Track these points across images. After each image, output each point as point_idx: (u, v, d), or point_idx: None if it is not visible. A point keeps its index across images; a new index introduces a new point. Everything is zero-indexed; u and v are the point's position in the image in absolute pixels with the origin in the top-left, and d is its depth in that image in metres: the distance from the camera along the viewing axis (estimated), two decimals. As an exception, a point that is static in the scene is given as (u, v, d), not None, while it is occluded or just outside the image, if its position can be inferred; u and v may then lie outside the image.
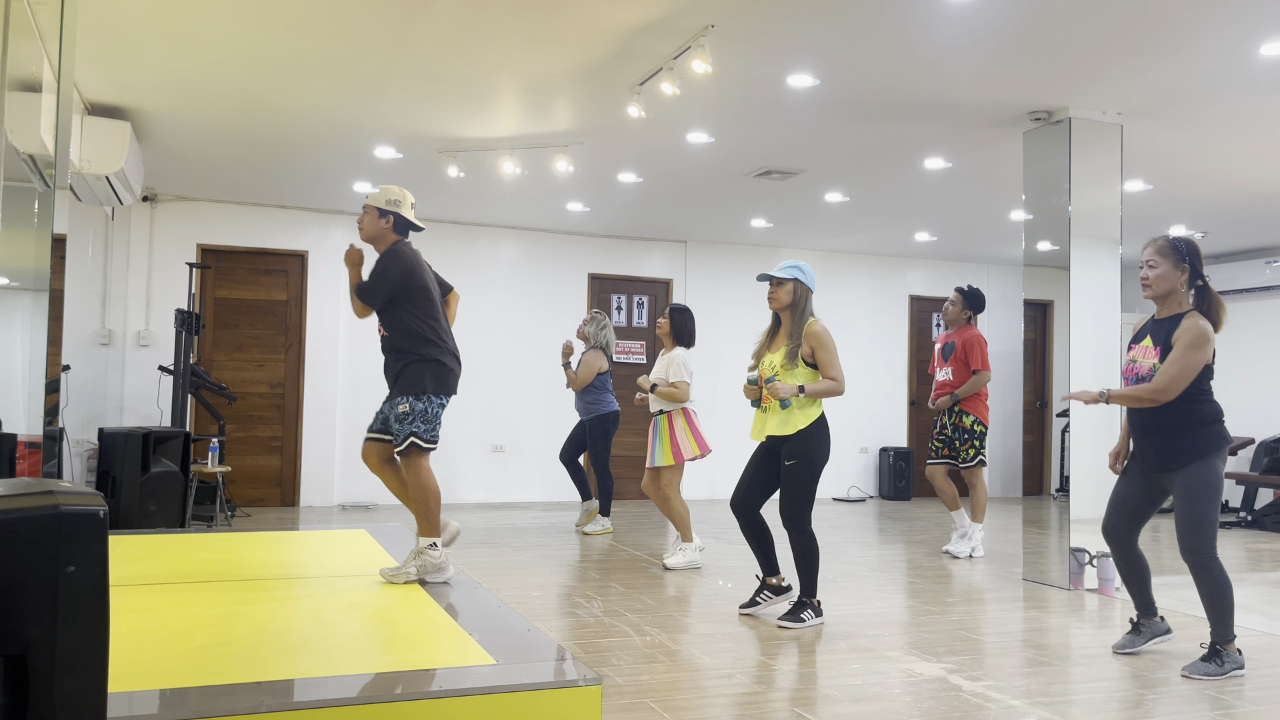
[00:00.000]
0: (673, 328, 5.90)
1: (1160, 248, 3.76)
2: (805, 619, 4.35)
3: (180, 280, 8.08)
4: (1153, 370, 3.71)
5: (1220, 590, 3.64)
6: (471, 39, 4.55)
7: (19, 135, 2.56)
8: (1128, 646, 3.98)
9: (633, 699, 3.21)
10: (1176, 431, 3.68)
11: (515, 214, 8.58)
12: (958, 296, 6.69)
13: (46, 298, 2.95)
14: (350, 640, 2.87)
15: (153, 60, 4.92)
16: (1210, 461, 3.64)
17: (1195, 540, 3.61)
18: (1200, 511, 3.61)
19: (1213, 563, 3.62)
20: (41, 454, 2.93)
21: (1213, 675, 3.62)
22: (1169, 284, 3.74)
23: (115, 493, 6.01)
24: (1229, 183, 6.99)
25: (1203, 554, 3.61)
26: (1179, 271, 3.74)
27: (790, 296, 4.43)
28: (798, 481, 4.35)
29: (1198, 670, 3.65)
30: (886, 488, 10.17)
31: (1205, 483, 3.63)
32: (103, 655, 1.36)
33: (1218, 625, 3.67)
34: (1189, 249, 3.75)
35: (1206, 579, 3.64)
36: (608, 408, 7.04)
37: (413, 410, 3.88)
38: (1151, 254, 3.77)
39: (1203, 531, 3.61)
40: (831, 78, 4.95)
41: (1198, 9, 4.06)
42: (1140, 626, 4.00)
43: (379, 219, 4.02)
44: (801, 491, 4.35)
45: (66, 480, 2.74)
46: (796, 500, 4.35)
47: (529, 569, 5.61)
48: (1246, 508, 8.52)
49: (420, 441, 3.88)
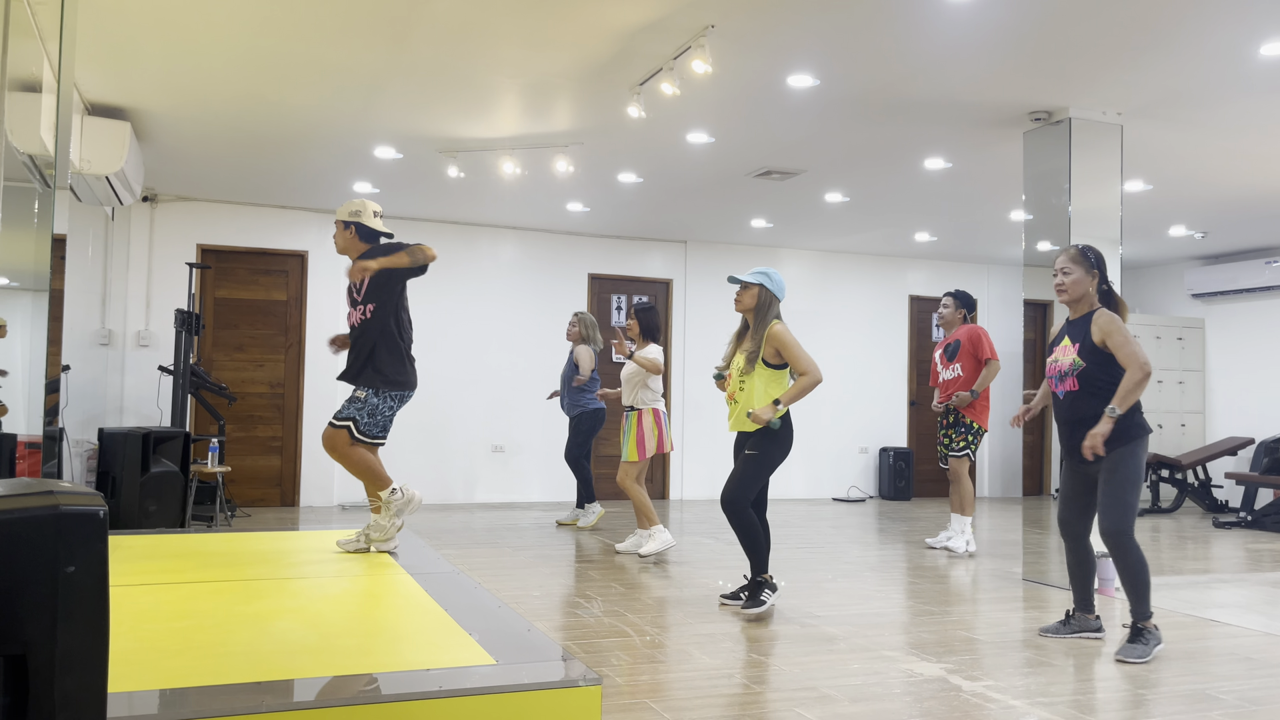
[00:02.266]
0: (641, 326, 6.20)
1: (1073, 256, 4.10)
2: (765, 599, 4.50)
3: (180, 280, 8.08)
4: (1073, 365, 4.04)
5: (1138, 570, 3.91)
6: (471, 39, 4.55)
7: (19, 135, 2.56)
8: (1053, 633, 4.27)
9: (633, 699, 3.21)
10: (1092, 422, 3.97)
11: (515, 214, 8.58)
12: (950, 300, 6.82)
13: (46, 298, 2.95)
14: (350, 640, 2.87)
15: (153, 60, 4.92)
16: (1131, 448, 3.92)
17: (1115, 522, 3.88)
18: (1120, 495, 3.90)
19: (1131, 543, 3.89)
20: (41, 454, 2.93)
21: (1142, 657, 3.86)
22: (1081, 288, 4.08)
23: (115, 493, 6.01)
24: (1229, 183, 6.99)
25: (1123, 535, 3.88)
26: (1090, 277, 4.08)
27: (754, 300, 4.60)
28: (749, 469, 4.49)
29: (1129, 653, 3.87)
30: (886, 488, 10.17)
31: (1126, 468, 3.91)
32: (103, 655, 1.36)
33: (1136, 603, 3.94)
34: (1097, 257, 4.10)
35: (1125, 559, 3.90)
36: (592, 405, 7.16)
37: (365, 401, 4.11)
38: (1065, 262, 4.12)
39: (1122, 514, 3.89)
40: (831, 78, 4.95)
41: (1198, 9, 4.06)
42: (1072, 619, 4.27)
43: (345, 231, 4.31)
44: (749, 478, 4.49)
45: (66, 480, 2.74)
46: (740, 484, 4.49)
47: (529, 569, 5.61)
48: (1246, 508, 8.52)
49: (354, 429, 4.10)
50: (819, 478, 10.18)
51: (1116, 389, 3.94)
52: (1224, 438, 9.73)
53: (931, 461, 10.69)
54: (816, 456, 10.17)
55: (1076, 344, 4.05)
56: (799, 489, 10.09)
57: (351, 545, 4.23)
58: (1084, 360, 4.01)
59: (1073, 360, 4.04)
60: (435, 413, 8.84)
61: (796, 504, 9.51)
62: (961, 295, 6.81)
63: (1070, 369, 4.06)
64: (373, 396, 4.11)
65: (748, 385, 4.54)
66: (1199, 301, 10.31)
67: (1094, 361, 3.98)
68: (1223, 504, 9.43)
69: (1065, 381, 4.07)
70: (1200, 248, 9.66)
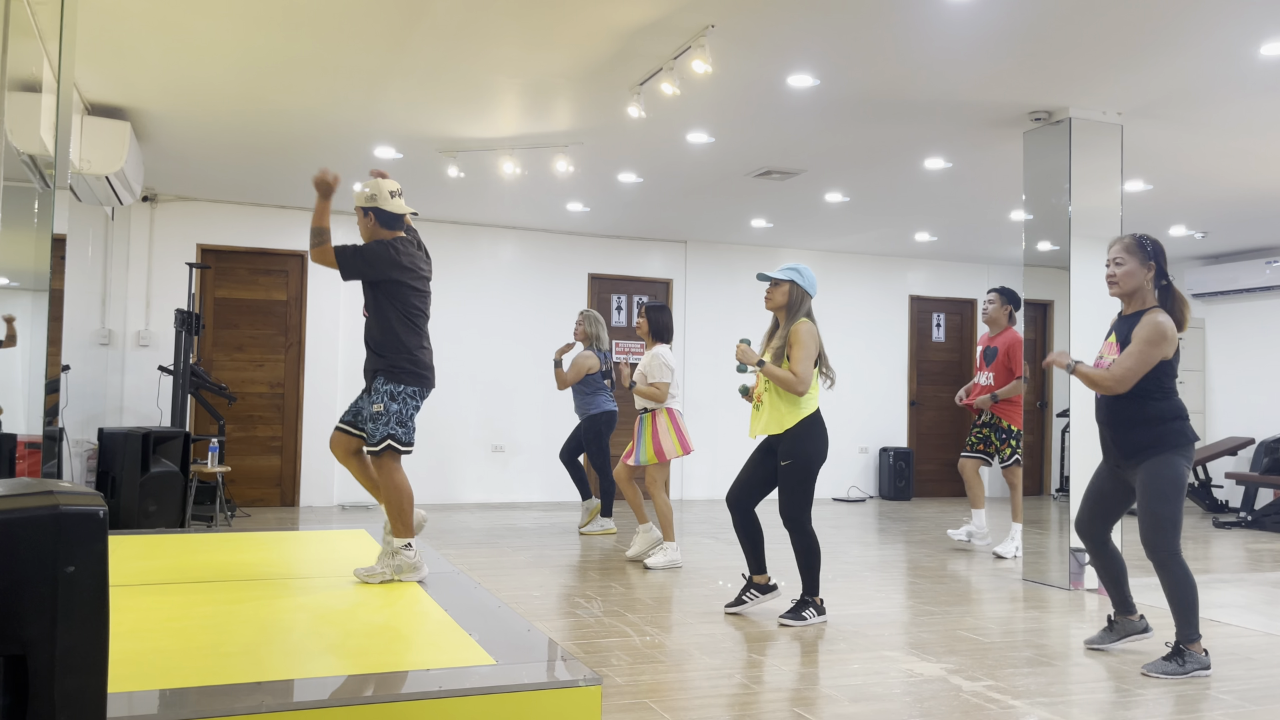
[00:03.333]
0: (650, 326, 6.04)
1: (1127, 245, 3.77)
2: (807, 617, 4.36)
3: (180, 280, 8.08)
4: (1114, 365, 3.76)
5: (1181, 588, 3.63)
6: (471, 39, 4.55)
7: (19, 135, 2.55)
8: (1100, 643, 4.01)
9: (633, 699, 3.21)
10: (1133, 426, 3.70)
11: (515, 214, 8.58)
12: (996, 296, 6.65)
13: (46, 298, 2.95)
14: (350, 640, 2.87)
15: (153, 60, 4.92)
16: (1168, 457, 3.64)
17: (1154, 538, 3.62)
18: (1157, 509, 3.62)
19: (1173, 560, 3.62)
20: (41, 454, 2.93)
21: (1172, 674, 3.61)
22: (1135, 281, 3.75)
23: (115, 493, 6.01)
24: (1229, 183, 6.99)
25: (1162, 551, 3.61)
26: (1145, 269, 3.75)
27: (785, 298, 4.46)
28: (793, 480, 4.34)
29: (1157, 669, 3.64)
30: (886, 488, 10.17)
31: (1163, 480, 3.63)
32: (103, 655, 1.36)
33: (1181, 624, 3.66)
34: (1154, 248, 3.75)
35: (1168, 577, 3.64)
36: (599, 408, 7.05)
37: (387, 411, 3.79)
38: (1118, 251, 3.78)
39: (1162, 529, 3.61)
40: (831, 78, 4.95)
41: (1198, 9, 4.06)
42: (1115, 624, 4.03)
43: (364, 219, 3.92)
44: (797, 490, 4.34)
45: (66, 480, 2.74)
46: (793, 499, 4.35)
47: (529, 569, 5.61)
48: (1246, 508, 8.52)
49: (396, 445, 3.80)
50: (819, 478, 10.18)
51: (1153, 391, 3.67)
52: (1224, 438, 9.73)
53: (932, 461, 10.70)
54: (816, 456, 10.15)
55: (1120, 343, 3.75)
56: (799, 489, 10.08)
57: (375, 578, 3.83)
58: None
59: (1114, 360, 3.74)
60: (435, 413, 8.83)
61: (796, 504, 9.50)
62: (1007, 292, 6.63)
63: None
64: (392, 403, 3.79)
65: (771, 385, 4.42)
66: (1199, 301, 10.31)
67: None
68: (1223, 504, 9.43)
69: None
70: (1200, 248, 9.66)
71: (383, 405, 3.79)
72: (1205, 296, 10.15)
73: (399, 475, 3.82)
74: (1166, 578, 3.64)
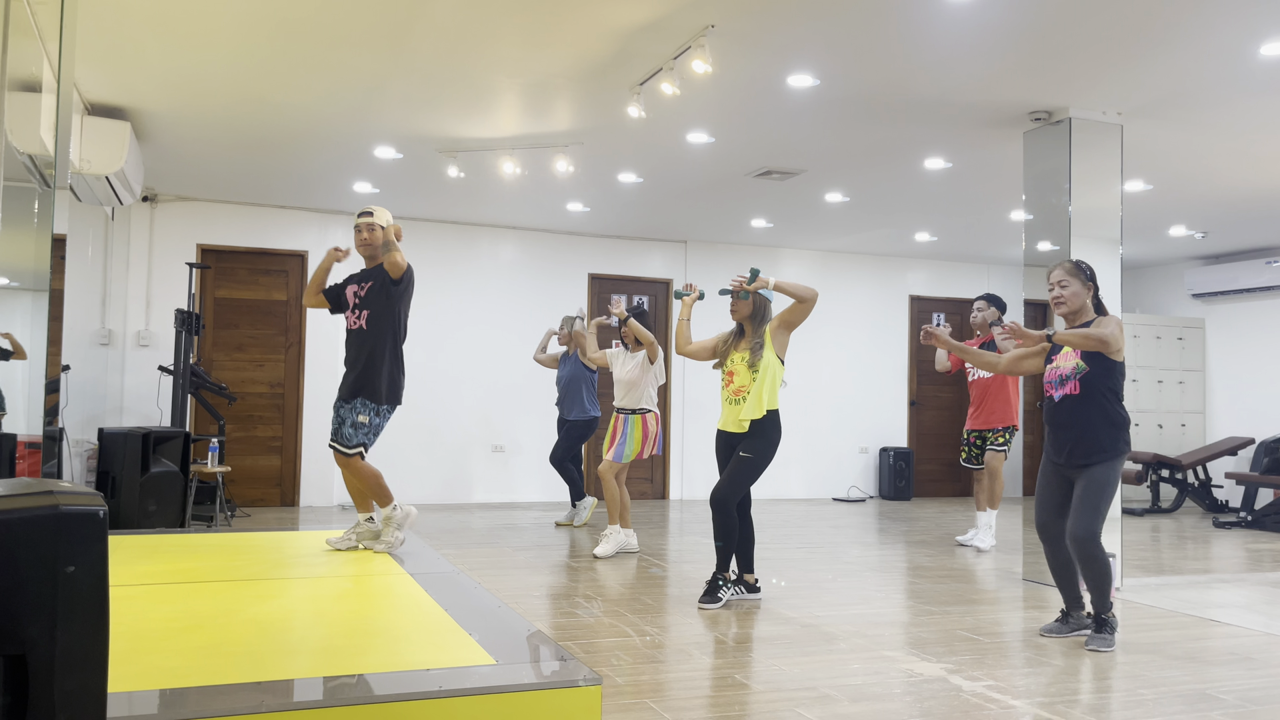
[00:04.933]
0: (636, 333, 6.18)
1: (1069, 270, 4.19)
2: (721, 597, 4.65)
3: (180, 280, 8.08)
4: (1075, 369, 4.11)
5: (1104, 571, 4.08)
6: (471, 39, 4.55)
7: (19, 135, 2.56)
8: (1054, 632, 4.31)
9: (633, 699, 3.21)
10: (1096, 428, 4.07)
11: (515, 214, 8.58)
12: (984, 303, 6.89)
13: (46, 298, 2.95)
14: (350, 640, 2.87)
15: (153, 60, 4.92)
16: (1113, 463, 4.07)
17: (1087, 527, 4.02)
18: (1095, 504, 4.03)
19: (1097, 548, 4.04)
20: (41, 454, 2.93)
21: (1109, 644, 4.05)
22: (1080, 300, 4.17)
23: (115, 493, 6.01)
24: (1229, 183, 6.99)
25: (1091, 541, 4.02)
26: (1086, 289, 4.17)
27: (750, 308, 4.76)
28: (745, 471, 4.63)
29: (1099, 643, 4.05)
30: (886, 488, 10.17)
31: (1105, 481, 4.05)
32: (103, 655, 1.36)
33: (1100, 598, 4.11)
34: (1090, 270, 4.19)
35: (1093, 563, 4.05)
36: (589, 413, 7.17)
37: (370, 424, 4.38)
38: (1062, 275, 4.20)
39: (1094, 519, 4.02)
40: (831, 78, 4.95)
41: (1198, 9, 4.06)
42: (1068, 618, 4.33)
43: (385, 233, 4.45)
44: (744, 481, 4.63)
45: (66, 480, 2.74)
46: (735, 487, 4.63)
47: (529, 569, 5.61)
48: (1246, 508, 8.52)
49: (365, 450, 4.43)
50: (819, 478, 10.18)
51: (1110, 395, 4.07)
52: (1224, 438, 9.73)
53: (932, 462, 10.69)
54: (816, 456, 10.17)
55: (1078, 351, 4.10)
56: (799, 489, 10.09)
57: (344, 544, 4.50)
58: (1087, 364, 4.06)
59: (1075, 365, 4.10)
60: (435, 413, 8.84)
61: (796, 504, 9.51)
62: (994, 298, 6.88)
63: (1073, 373, 4.11)
64: (374, 417, 4.36)
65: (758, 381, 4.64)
66: (1199, 301, 10.30)
67: (1097, 365, 4.05)
68: (1223, 504, 9.43)
69: (1066, 385, 4.13)
70: (1200, 248, 9.66)
71: (367, 418, 4.39)
72: (1205, 296, 10.15)
73: (365, 467, 4.43)
74: (1093, 564, 4.05)
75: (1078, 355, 4.10)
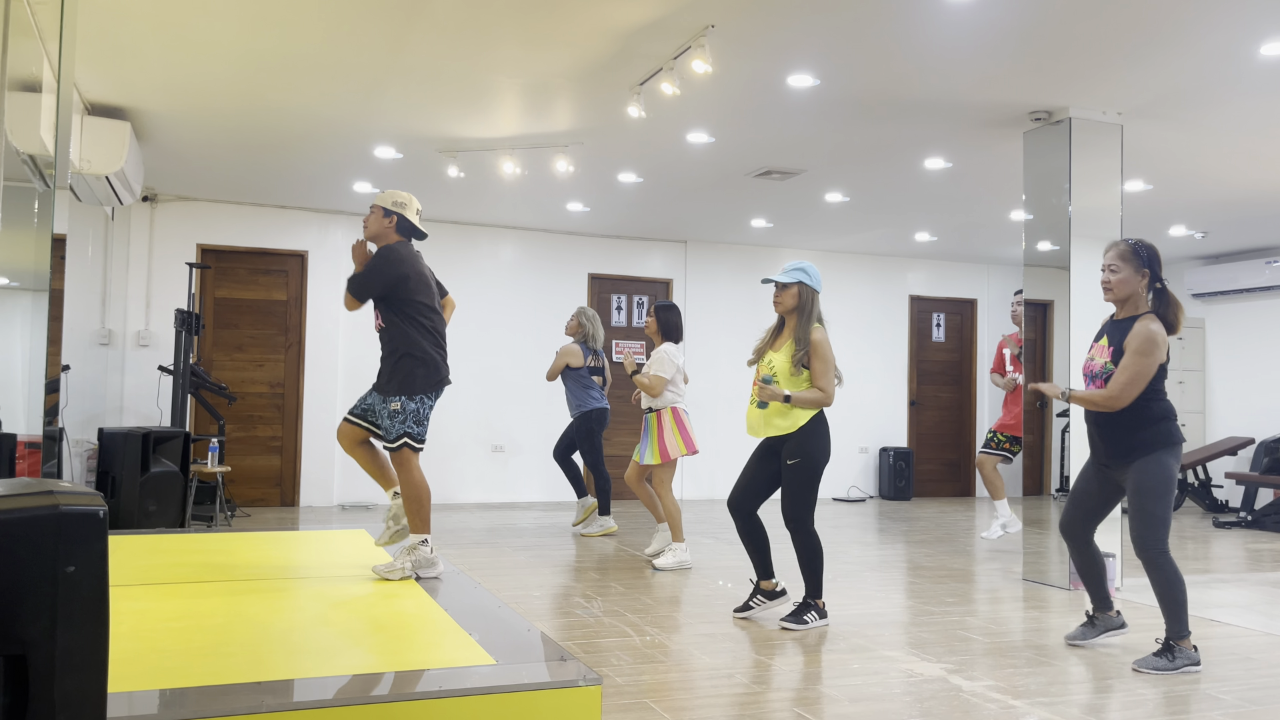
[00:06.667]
0: (660, 326, 6.03)
1: (1122, 253, 3.84)
2: (809, 620, 4.31)
3: (180, 280, 8.08)
4: (1104, 368, 3.83)
5: (1172, 586, 3.71)
6: (471, 39, 4.55)
7: (19, 135, 2.55)
8: (1080, 638, 4.11)
9: (633, 699, 3.21)
10: (1124, 428, 3.78)
11: (515, 214, 8.58)
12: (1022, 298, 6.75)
13: (46, 298, 2.95)
14: (350, 640, 2.87)
15: (153, 60, 4.92)
16: (1159, 457, 3.72)
17: (1145, 536, 3.70)
18: (1149, 508, 3.70)
19: (1163, 558, 3.70)
20: (41, 454, 2.93)
21: (1163, 669, 3.68)
22: (1129, 288, 3.83)
23: (115, 493, 6.01)
24: (1229, 183, 6.99)
25: (1152, 549, 3.69)
26: (1139, 276, 3.82)
27: (795, 300, 4.37)
28: (798, 481, 4.28)
29: (1148, 664, 3.71)
30: (886, 488, 10.17)
31: (1154, 479, 3.71)
32: (103, 655, 1.36)
33: (1171, 621, 3.73)
34: (1149, 254, 3.83)
35: (1158, 575, 3.72)
36: (590, 405, 7.07)
37: (404, 410, 3.95)
38: (1113, 258, 3.85)
39: (1152, 527, 3.69)
40: (831, 78, 4.95)
41: (1198, 9, 4.06)
42: (1095, 620, 4.12)
43: (383, 218, 4.10)
44: (803, 491, 4.28)
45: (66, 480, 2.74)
46: (798, 500, 4.28)
47: (529, 569, 5.61)
48: (1246, 508, 8.52)
49: (412, 441, 3.95)
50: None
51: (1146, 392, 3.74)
52: (1224, 438, 9.73)
53: (932, 461, 10.69)
54: (816, 456, 10.15)
55: (1112, 347, 3.83)
56: (799, 489, 10.08)
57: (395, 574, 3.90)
58: (1116, 365, 3.79)
59: (1104, 364, 3.84)
60: (435, 412, 8.83)
61: (796, 504, 9.50)
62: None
63: (1101, 371, 3.86)
64: (409, 403, 3.95)
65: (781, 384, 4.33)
66: (1199, 301, 10.30)
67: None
68: (1223, 504, 9.43)
69: (1095, 383, 3.87)
70: (1200, 248, 9.66)
71: (400, 404, 3.95)
72: (1205, 296, 10.15)
73: (417, 473, 3.95)
74: (1157, 575, 3.72)
75: (1108, 354, 3.82)
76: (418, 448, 3.96)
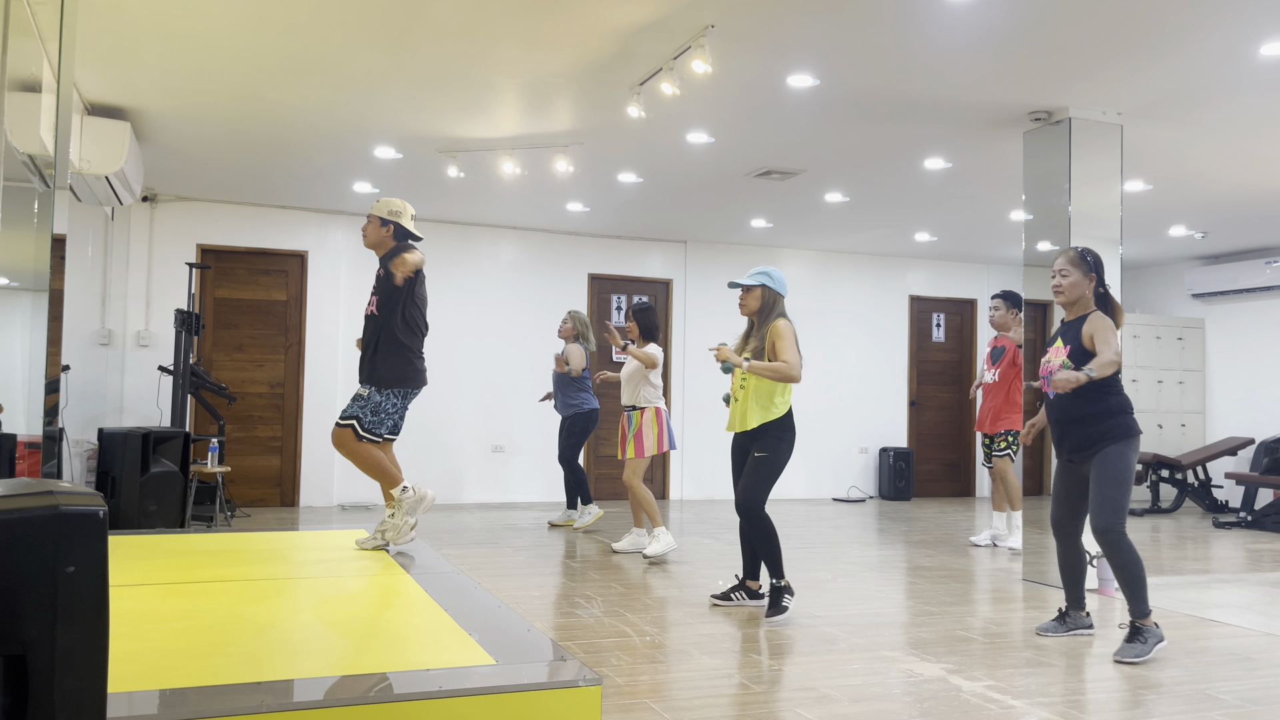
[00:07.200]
0: (640, 328, 6.23)
1: (1071, 259, 4.16)
2: (786, 604, 4.46)
3: (180, 280, 8.08)
4: (1063, 366, 4.07)
5: (1132, 565, 3.94)
6: (471, 39, 4.55)
7: (19, 135, 2.55)
8: (1050, 631, 4.29)
9: (633, 699, 3.21)
10: (1087, 421, 4.03)
11: (515, 214, 8.58)
12: (1000, 301, 6.86)
13: (46, 298, 2.95)
14: (350, 640, 2.87)
15: (153, 60, 4.92)
16: (1119, 448, 3.98)
17: (1105, 519, 3.93)
18: (1109, 493, 3.95)
19: (1123, 540, 3.93)
20: (41, 454, 2.93)
21: (1141, 656, 3.87)
22: (1079, 291, 4.14)
23: (115, 493, 6.01)
24: (1229, 183, 6.99)
25: (1113, 532, 3.92)
26: (1087, 280, 4.14)
27: (759, 302, 4.62)
28: (763, 471, 4.49)
29: (1126, 653, 3.88)
30: (886, 488, 10.17)
31: (1113, 468, 3.96)
32: (103, 655, 1.36)
33: (1133, 601, 3.95)
34: (1095, 261, 4.15)
35: (1118, 556, 3.94)
36: (588, 405, 7.16)
37: (368, 399, 4.15)
38: (1064, 264, 4.17)
39: (1113, 511, 3.94)
40: (831, 78, 4.95)
41: (1198, 9, 4.06)
42: (1066, 617, 4.32)
43: (380, 227, 4.26)
44: (765, 482, 4.49)
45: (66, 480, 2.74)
46: (758, 490, 4.49)
47: (529, 569, 5.61)
48: (1246, 508, 8.52)
49: (358, 427, 4.15)
50: (819, 478, 10.18)
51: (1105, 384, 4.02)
52: (1224, 438, 9.73)
53: (932, 462, 10.69)
54: (816, 456, 10.17)
55: (1068, 346, 4.11)
56: (799, 489, 10.09)
57: (370, 543, 4.26)
58: (1074, 362, 4.06)
59: (1063, 362, 4.10)
60: (435, 413, 8.84)
61: (796, 504, 9.51)
62: (1010, 295, 6.84)
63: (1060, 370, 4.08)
64: (375, 394, 4.14)
65: (749, 384, 4.54)
66: (1199, 301, 10.31)
67: (1083, 364, 4.03)
68: (1223, 504, 9.43)
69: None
70: (1200, 248, 9.66)
71: (366, 391, 4.17)
72: (1205, 296, 10.15)
73: (358, 445, 4.15)
74: (1117, 556, 3.93)
75: (1065, 352, 4.10)
76: (362, 435, 4.13)
